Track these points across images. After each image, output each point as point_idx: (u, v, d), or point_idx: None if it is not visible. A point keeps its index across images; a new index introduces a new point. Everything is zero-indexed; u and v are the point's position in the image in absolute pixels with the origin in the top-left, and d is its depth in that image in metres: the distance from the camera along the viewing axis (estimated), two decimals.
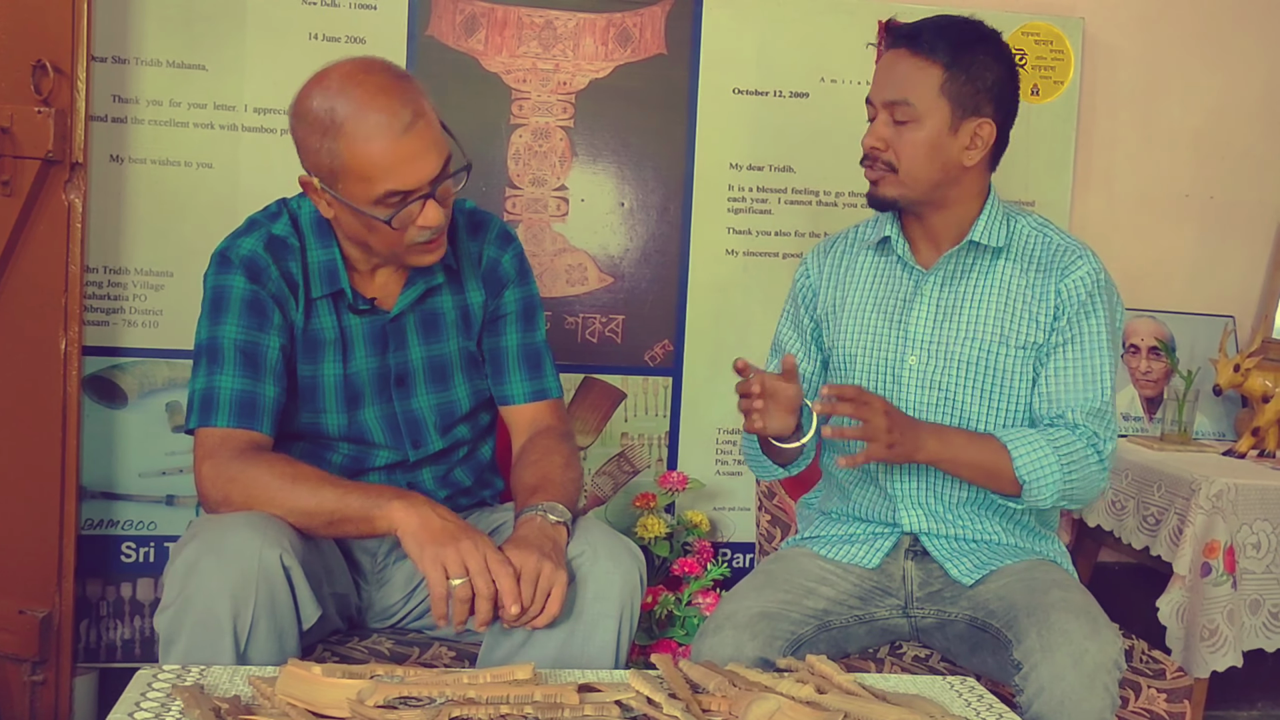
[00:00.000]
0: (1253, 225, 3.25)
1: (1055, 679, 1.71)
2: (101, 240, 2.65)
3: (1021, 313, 1.96)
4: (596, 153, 2.87)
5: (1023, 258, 1.99)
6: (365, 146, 1.67)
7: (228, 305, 1.80)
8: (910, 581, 2.03)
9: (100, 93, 2.61)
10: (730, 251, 2.94)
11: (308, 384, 1.87)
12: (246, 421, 1.77)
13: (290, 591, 1.62)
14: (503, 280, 1.99)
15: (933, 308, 2.00)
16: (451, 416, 1.96)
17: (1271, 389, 2.78)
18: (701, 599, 2.71)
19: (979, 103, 1.91)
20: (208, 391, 1.78)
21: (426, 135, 1.71)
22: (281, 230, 1.85)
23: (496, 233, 2.00)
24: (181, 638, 1.58)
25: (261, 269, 1.81)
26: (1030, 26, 3.00)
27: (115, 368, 2.69)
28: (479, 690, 1.36)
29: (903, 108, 1.90)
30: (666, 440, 2.95)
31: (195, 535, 1.64)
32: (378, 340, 1.90)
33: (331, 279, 1.85)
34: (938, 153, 1.92)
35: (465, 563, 1.61)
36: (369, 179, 1.69)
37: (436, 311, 1.94)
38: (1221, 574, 2.45)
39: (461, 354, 1.97)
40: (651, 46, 2.87)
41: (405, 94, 1.70)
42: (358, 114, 1.67)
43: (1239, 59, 3.19)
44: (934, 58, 1.89)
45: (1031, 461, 1.86)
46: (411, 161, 1.69)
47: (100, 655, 2.71)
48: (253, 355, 1.79)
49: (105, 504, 2.69)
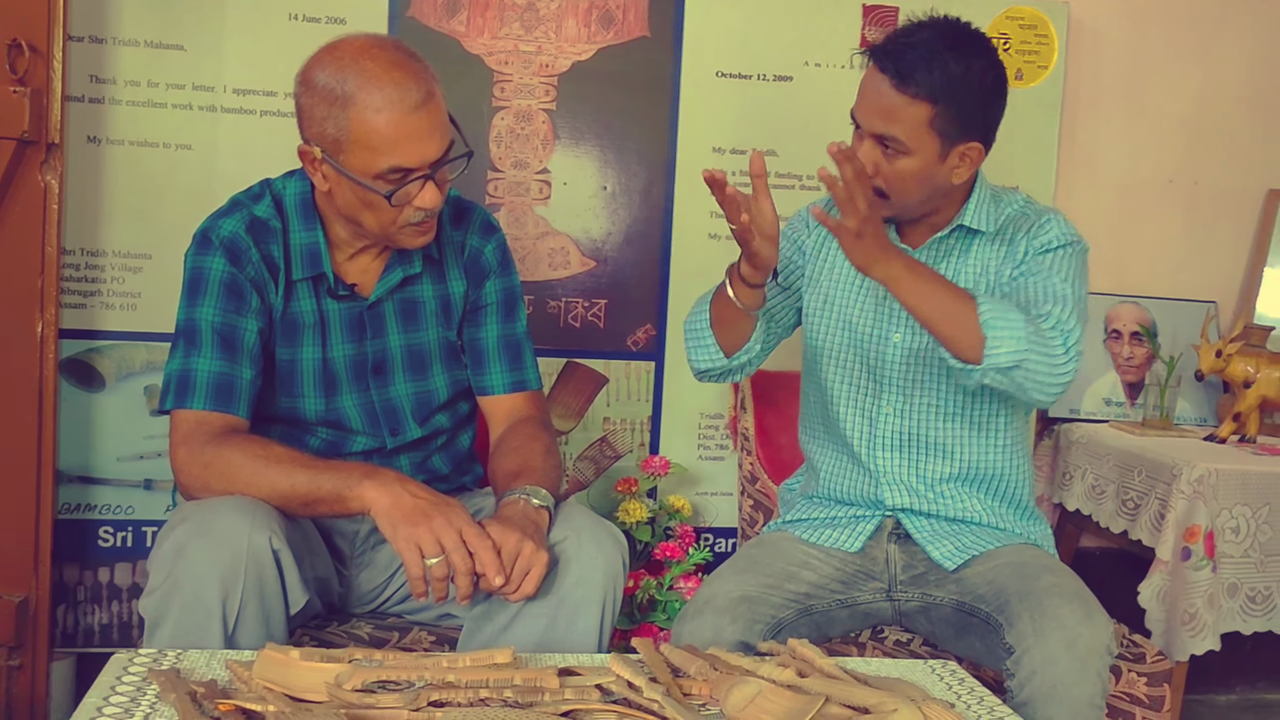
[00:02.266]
0: (1236, 211, 3.26)
1: (1048, 663, 1.72)
2: (79, 222, 2.62)
3: (993, 281, 1.98)
4: (579, 136, 2.85)
5: (1003, 235, 2.00)
6: (375, 118, 1.67)
7: (206, 287, 1.79)
8: (893, 565, 2.03)
9: (77, 73, 2.58)
10: (713, 236, 2.92)
11: (285, 368, 1.86)
12: (223, 404, 1.75)
13: (279, 575, 1.62)
14: (485, 270, 1.98)
15: None
16: (429, 405, 1.95)
17: (1253, 374, 2.79)
18: (683, 584, 2.70)
19: (968, 130, 1.88)
20: (184, 373, 1.76)
21: (435, 116, 1.71)
22: (264, 212, 1.84)
23: (480, 223, 1.99)
24: (168, 621, 1.58)
25: (242, 251, 1.80)
26: (1015, 10, 2.99)
27: (93, 351, 2.67)
28: (458, 674, 1.35)
29: (892, 142, 1.87)
30: (649, 425, 2.94)
31: (184, 519, 1.62)
32: (355, 327, 1.89)
33: (313, 261, 1.84)
34: (928, 180, 1.91)
35: (440, 540, 1.60)
36: (374, 150, 1.68)
37: (416, 300, 1.93)
38: (1202, 558, 2.46)
39: (440, 343, 1.96)
40: (634, 29, 2.85)
41: (418, 73, 1.70)
42: (370, 86, 1.67)
43: (1223, 45, 3.19)
44: (921, 95, 1.84)
45: (997, 312, 1.76)
46: (418, 139, 1.69)
47: (78, 640, 2.69)
48: (230, 338, 1.78)
49: (82, 488, 2.67)
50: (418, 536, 1.60)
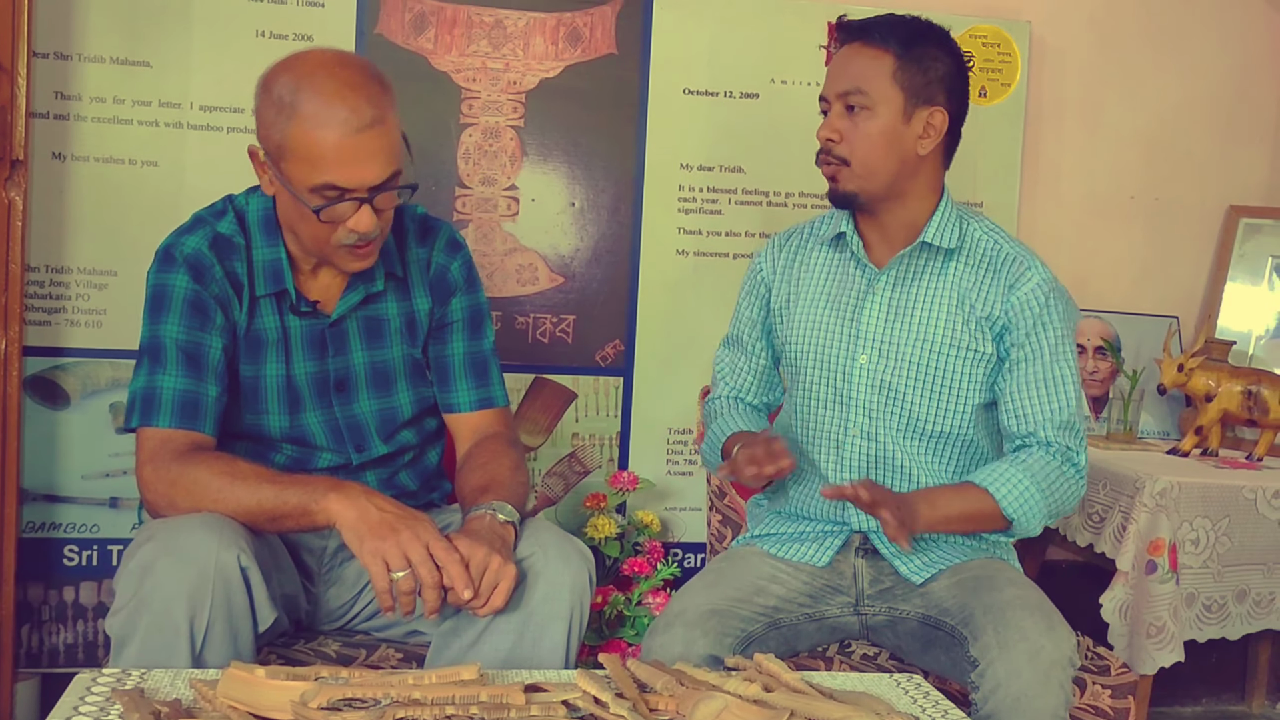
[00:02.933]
0: (1197, 227, 3.30)
1: (1011, 675, 1.72)
2: (43, 239, 2.61)
3: (969, 317, 1.98)
4: (547, 152, 2.86)
5: (974, 261, 2.00)
6: (315, 133, 1.66)
7: (170, 304, 1.78)
8: (861, 579, 2.04)
9: (42, 89, 2.57)
10: (681, 251, 2.94)
11: (250, 384, 1.86)
12: (189, 422, 1.75)
13: (247, 594, 1.61)
14: (450, 287, 1.97)
15: (884, 307, 2.01)
16: (394, 422, 1.95)
17: (1214, 388, 2.81)
18: (652, 599, 2.70)
19: (931, 92, 1.93)
20: (149, 391, 1.76)
21: (380, 141, 1.69)
22: (226, 228, 1.83)
23: (445, 240, 1.98)
24: (135, 640, 1.56)
25: (205, 268, 1.79)
26: (977, 29, 3.03)
27: (57, 368, 2.65)
28: (424, 691, 1.34)
29: (856, 96, 1.92)
30: (617, 440, 2.94)
31: (151, 536, 1.61)
32: (317, 344, 1.89)
33: (275, 278, 1.84)
34: (892, 142, 1.93)
35: (406, 554, 1.59)
36: (311, 164, 1.68)
37: (380, 317, 1.93)
38: (1166, 571, 2.48)
39: (405, 360, 1.95)
40: (602, 46, 2.86)
41: (372, 96, 1.69)
42: (318, 100, 1.66)
43: (1184, 62, 3.23)
44: (886, 47, 1.91)
45: (1014, 499, 1.89)
46: (357, 162, 1.68)
47: (42, 660, 2.67)
48: (195, 355, 1.77)
49: (47, 506, 2.65)
50: (383, 550, 1.60)
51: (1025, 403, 1.96)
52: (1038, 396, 1.96)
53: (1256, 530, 2.59)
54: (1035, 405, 1.96)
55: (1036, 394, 1.96)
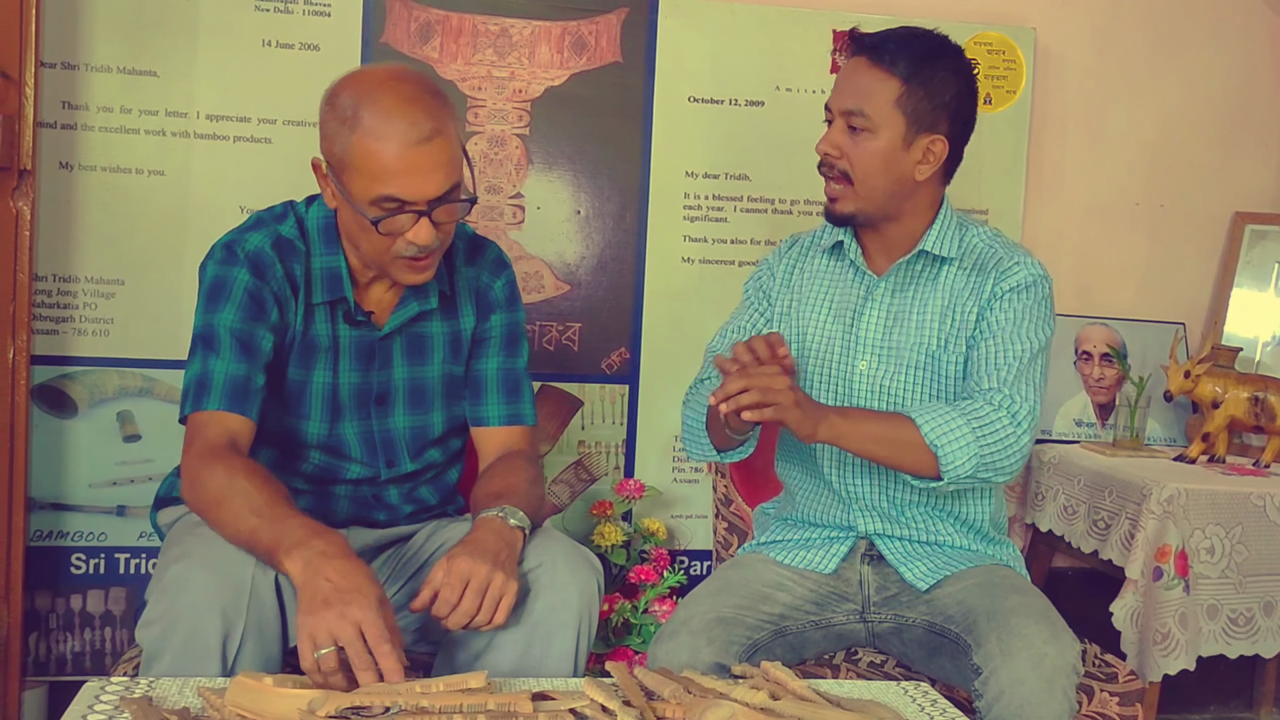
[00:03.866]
0: (1202, 233, 3.29)
1: (1015, 683, 1.72)
2: (51, 248, 2.62)
3: (959, 315, 1.99)
4: (552, 160, 2.86)
5: (968, 264, 2.01)
6: (376, 144, 1.67)
7: (228, 295, 1.78)
8: (867, 586, 2.04)
9: (49, 99, 2.58)
10: (686, 259, 2.94)
11: (296, 389, 1.86)
12: (238, 405, 1.74)
13: (279, 610, 1.61)
14: (492, 305, 1.99)
15: (883, 313, 2.02)
16: (424, 439, 1.96)
17: (1221, 395, 2.81)
18: (658, 606, 2.70)
19: (935, 119, 1.92)
20: (203, 376, 1.75)
21: (440, 154, 1.70)
22: (289, 231, 1.84)
23: (492, 259, 2.00)
24: (166, 654, 1.56)
25: (266, 266, 1.80)
26: (982, 36, 3.03)
27: (65, 377, 2.66)
28: (431, 699, 1.35)
29: (858, 117, 1.92)
30: (624, 448, 2.94)
31: (186, 552, 1.61)
32: (365, 355, 1.89)
33: (334, 286, 1.84)
34: (890, 165, 1.93)
35: (334, 635, 1.47)
36: (372, 176, 1.69)
37: (425, 335, 1.94)
38: (1173, 578, 2.47)
39: (444, 379, 1.96)
40: (607, 55, 2.87)
41: (432, 110, 1.70)
42: (379, 113, 1.68)
43: (1189, 69, 3.23)
44: (893, 70, 1.90)
45: (939, 427, 1.83)
46: (416, 174, 1.69)
47: (50, 668, 2.67)
48: (248, 343, 1.77)
49: (54, 515, 2.66)
50: (313, 627, 1.48)
51: (976, 359, 1.95)
52: (988, 353, 1.94)
53: (1271, 539, 2.58)
54: (985, 360, 1.93)
55: (988, 350, 1.94)
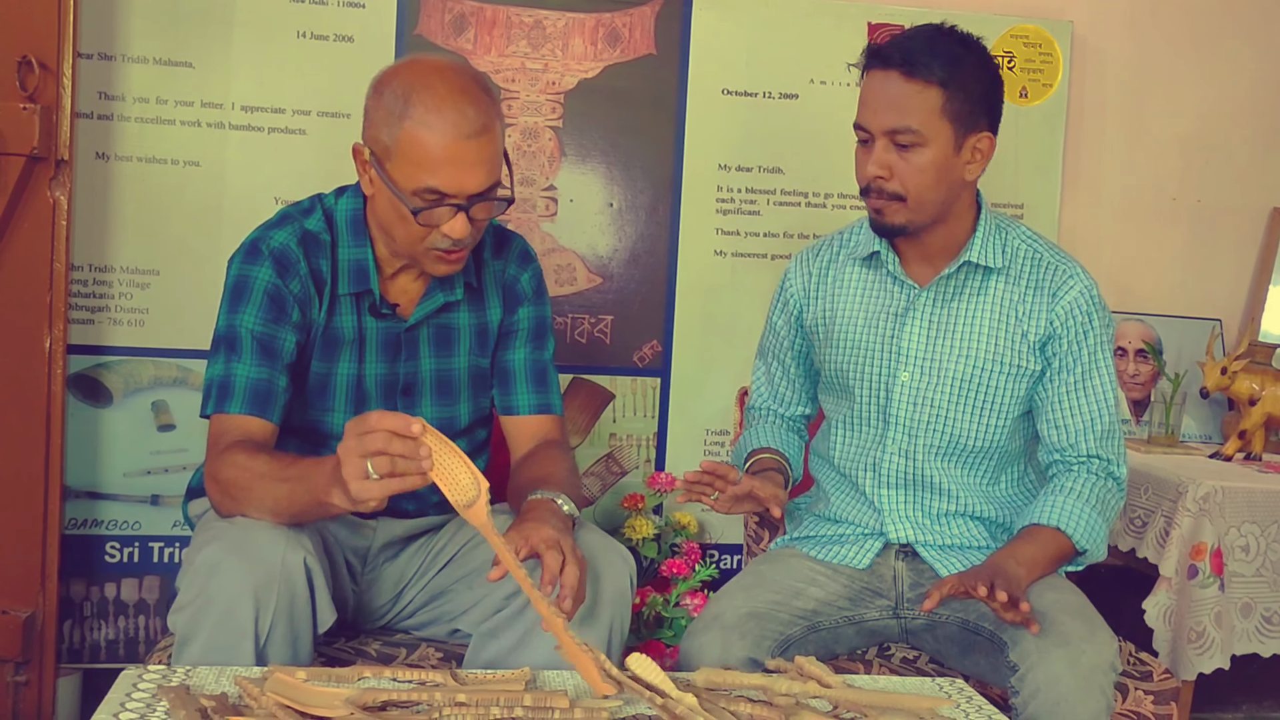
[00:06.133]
0: (1239, 229, 3.26)
1: (1052, 681, 1.71)
2: (87, 238, 2.63)
3: (1014, 332, 1.96)
4: (585, 153, 2.86)
5: (1016, 276, 1.98)
6: (425, 134, 1.68)
7: (249, 295, 1.79)
8: (901, 582, 2.03)
9: (86, 89, 2.59)
10: (719, 252, 2.93)
11: (320, 381, 1.87)
12: (259, 409, 1.76)
13: (310, 595, 1.63)
14: (519, 297, 2.00)
15: (926, 324, 1.99)
16: (450, 431, 1.95)
17: (1258, 392, 2.79)
18: (689, 600, 2.70)
19: (977, 117, 1.89)
20: (225, 379, 1.77)
21: (485, 150, 1.71)
22: (314, 225, 1.85)
23: (518, 251, 2.01)
24: (199, 637, 1.58)
25: (291, 263, 1.81)
26: (1019, 29, 3.01)
27: (100, 366, 2.67)
28: (469, 694, 1.35)
29: (906, 134, 1.85)
30: (655, 441, 2.94)
31: (216, 536, 1.63)
32: (391, 347, 1.90)
33: (360, 278, 1.85)
34: (943, 174, 1.88)
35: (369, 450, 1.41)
36: (417, 166, 1.70)
37: (452, 326, 1.94)
38: (1208, 576, 2.45)
39: (470, 370, 1.97)
40: (641, 47, 2.86)
41: (482, 105, 1.71)
42: (430, 103, 1.68)
43: (1226, 63, 3.20)
44: (931, 79, 1.84)
45: (1084, 531, 1.90)
46: (461, 167, 1.70)
47: (84, 656, 2.69)
48: (270, 346, 1.79)
49: (89, 504, 2.67)
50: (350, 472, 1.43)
51: (1065, 413, 1.96)
52: (1077, 406, 1.96)
53: None
54: (1075, 415, 1.96)
55: (1076, 403, 1.96)
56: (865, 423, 2.05)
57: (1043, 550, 1.89)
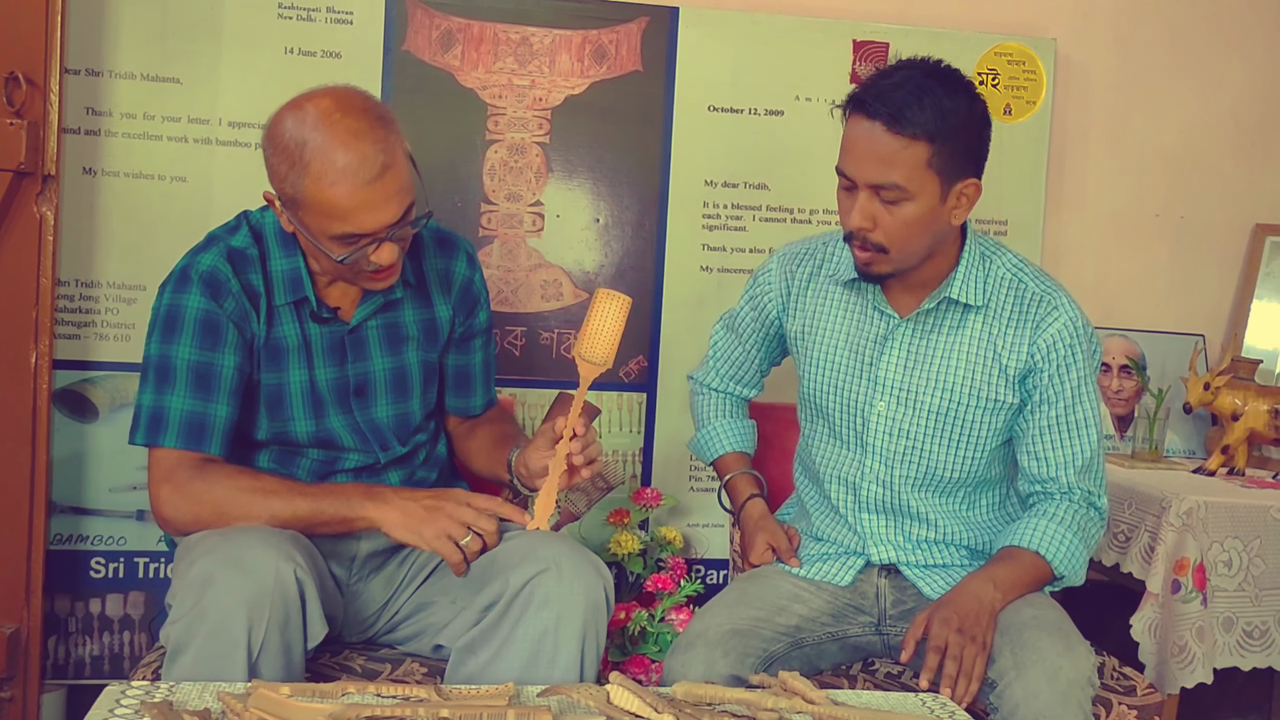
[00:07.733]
0: (1223, 245, 3.28)
1: (1029, 696, 1.72)
2: (73, 253, 2.63)
3: (991, 366, 1.95)
4: (572, 169, 2.87)
5: (997, 310, 1.95)
6: (329, 189, 1.67)
7: (182, 325, 1.80)
8: (883, 599, 2.03)
9: (73, 105, 2.60)
10: (705, 268, 2.94)
11: (274, 392, 1.88)
12: (194, 443, 1.77)
13: (302, 608, 1.64)
14: (475, 299, 2.04)
15: (904, 355, 1.98)
16: (408, 426, 1.99)
17: (1241, 407, 2.80)
18: (675, 615, 2.70)
19: (963, 164, 1.82)
20: (156, 410, 1.78)
21: (392, 185, 1.70)
22: (240, 242, 1.86)
23: (465, 253, 2.04)
24: (191, 649, 1.58)
25: (222, 283, 1.81)
26: (1003, 47, 3.03)
27: (86, 381, 2.67)
28: (451, 710, 1.35)
29: (892, 190, 1.79)
30: (640, 456, 2.95)
31: (210, 549, 1.63)
32: (337, 350, 1.91)
33: (295, 286, 1.86)
34: (930, 225, 1.84)
35: (461, 521, 1.76)
36: (327, 217, 1.70)
37: (399, 324, 1.96)
38: (1191, 591, 2.46)
39: (421, 366, 2.00)
40: (627, 63, 2.87)
41: (379, 140, 1.69)
42: (326, 154, 1.67)
43: (1209, 80, 3.23)
44: (918, 135, 1.77)
45: (1063, 555, 1.91)
46: (372, 209, 1.70)
47: (69, 672, 2.68)
48: (205, 375, 1.79)
49: (75, 519, 2.67)
50: (444, 530, 1.75)
51: (1046, 446, 1.96)
52: (1059, 440, 1.95)
53: None
54: (1056, 449, 1.96)
55: (1058, 437, 1.95)
56: (843, 447, 2.05)
57: (1020, 572, 1.90)
